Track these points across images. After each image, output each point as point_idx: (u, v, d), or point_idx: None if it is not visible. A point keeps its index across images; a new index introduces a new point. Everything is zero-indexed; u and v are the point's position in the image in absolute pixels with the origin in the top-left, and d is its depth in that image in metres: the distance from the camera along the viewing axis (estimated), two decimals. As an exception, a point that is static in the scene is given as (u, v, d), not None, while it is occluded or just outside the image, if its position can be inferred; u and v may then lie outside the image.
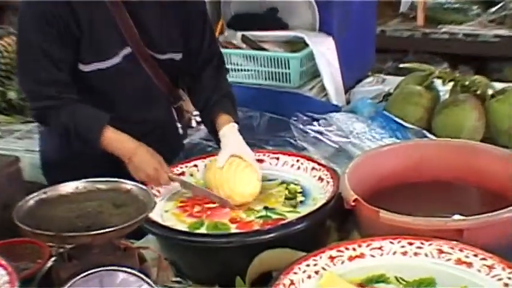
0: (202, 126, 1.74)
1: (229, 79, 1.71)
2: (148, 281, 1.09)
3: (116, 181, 1.19)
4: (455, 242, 1.12)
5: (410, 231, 1.14)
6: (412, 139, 1.69)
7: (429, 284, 1.08)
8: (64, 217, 1.10)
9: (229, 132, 1.49)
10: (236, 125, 1.51)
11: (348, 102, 2.18)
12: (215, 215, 1.36)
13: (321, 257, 1.12)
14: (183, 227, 1.31)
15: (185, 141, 1.86)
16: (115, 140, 1.44)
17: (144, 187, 1.19)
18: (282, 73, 2.13)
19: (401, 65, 2.05)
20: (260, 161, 1.52)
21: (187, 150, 1.83)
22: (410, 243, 1.13)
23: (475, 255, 1.10)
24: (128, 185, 1.19)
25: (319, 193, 1.40)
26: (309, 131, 1.76)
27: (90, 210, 1.13)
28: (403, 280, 1.10)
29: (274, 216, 1.34)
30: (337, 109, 2.00)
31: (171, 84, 1.64)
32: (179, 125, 1.75)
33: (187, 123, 1.81)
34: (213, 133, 1.56)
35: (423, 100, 1.81)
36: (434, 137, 1.70)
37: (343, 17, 2.17)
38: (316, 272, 1.10)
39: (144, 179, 1.39)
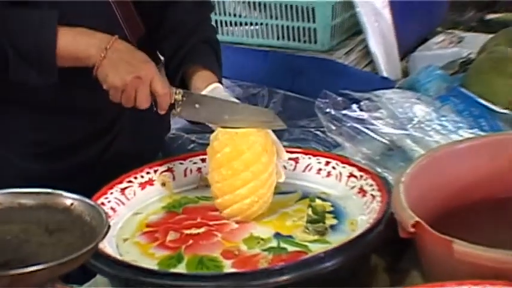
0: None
1: (225, 38, 1.71)
2: None
3: (50, 193, 1.19)
4: None
5: (500, 273, 1.13)
6: (504, 131, 1.68)
7: None
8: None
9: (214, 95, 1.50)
10: (222, 88, 1.53)
11: (406, 74, 2.18)
12: (200, 246, 1.37)
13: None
14: (152, 264, 1.31)
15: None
16: (76, 33, 1.44)
17: (91, 202, 1.19)
18: (304, 29, 2.14)
19: (488, 17, 2.03)
20: (269, 163, 1.54)
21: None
22: (502, 293, 1.12)
23: None
24: (68, 198, 1.19)
25: (360, 213, 1.41)
26: (345, 118, 1.74)
27: (10, 238, 1.13)
28: None
29: (291, 249, 1.34)
30: (388, 84, 2.00)
31: (141, 27, 1.63)
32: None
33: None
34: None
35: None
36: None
37: None
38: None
39: (129, 84, 1.40)
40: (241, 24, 2.22)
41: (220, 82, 1.55)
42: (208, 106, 1.46)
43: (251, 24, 2.21)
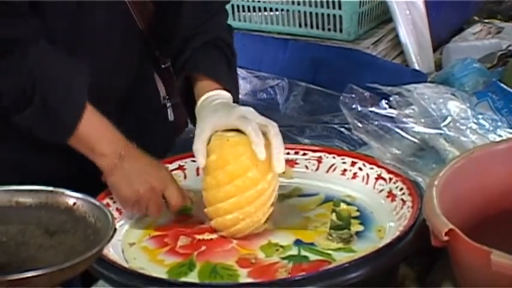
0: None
1: (241, 24, 1.70)
2: None
3: (51, 191, 1.19)
4: None
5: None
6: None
7: None
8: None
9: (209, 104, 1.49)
10: (227, 94, 1.51)
11: (439, 67, 2.18)
12: (213, 253, 1.37)
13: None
14: (160, 272, 1.31)
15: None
16: (98, 124, 1.45)
17: (96, 202, 1.18)
18: (329, 16, 2.15)
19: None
20: (290, 162, 1.52)
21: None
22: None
23: None
24: (71, 198, 1.18)
25: (389, 220, 1.40)
26: (372, 115, 1.74)
27: (6, 240, 1.13)
28: None
29: (313, 257, 1.34)
30: (420, 78, 2.00)
31: (150, 8, 1.62)
32: (168, 104, 1.75)
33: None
34: (185, 104, 1.59)
35: None
36: None
37: None
38: None
39: (142, 195, 1.42)
40: (259, 9, 2.23)
41: (223, 84, 1.52)
42: None
43: (270, 10, 2.22)
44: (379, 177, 1.49)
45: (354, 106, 1.73)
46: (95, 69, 1.50)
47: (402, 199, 1.42)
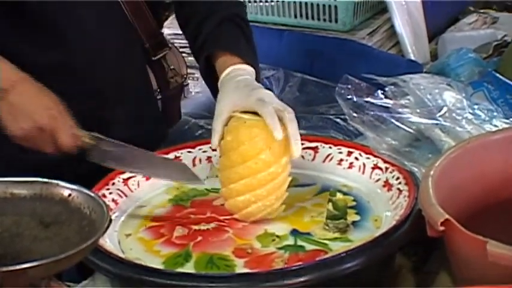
0: (195, 93, 1.73)
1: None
2: None
3: (46, 182, 1.19)
4: None
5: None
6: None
7: None
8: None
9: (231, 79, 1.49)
10: (248, 68, 1.51)
11: (435, 57, 2.18)
12: (209, 243, 1.37)
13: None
14: (157, 263, 1.31)
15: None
16: None
17: (91, 193, 1.18)
18: (324, 6, 2.14)
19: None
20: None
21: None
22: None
23: None
24: (66, 189, 1.18)
25: (385, 209, 1.41)
26: (368, 105, 1.74)
27: (1, 231, 1.13)
28: None
29: (309, 247, 1.34)
30: (416, 68, 2.00)
31: (147, 12, 1.66)
32: (158, 96, 1.77)
33: (174, 92, 1.81)
34: (209, 82, 1.58)
35: None
36: None
37: None
38: None
39: (28, 134, 1.40)
40: (254, 0, 2.21)
41: (244, 58, 1.53)
42: (119, 154, 1.46)
43: (266, 0, 2.20)
44: (375, 166, 1.50)
45: (349, 96, 1.73)
46: (86, 60, 1.50)
47: (398, 188, 1.42)
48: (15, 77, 1.44)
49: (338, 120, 1.88)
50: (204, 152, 1.59)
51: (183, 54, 1.84)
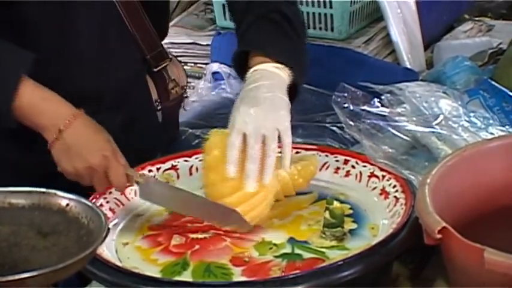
0: (191, 102, 1.73)
1: (230, 24, 1.68)
2: None
3: (44, 192, 1.19)
4: None
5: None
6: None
7: None
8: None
9: (255, 80, 1.47)
10: (271, 69, 1.49)
11: (431, 65, 2.18)
12: (207, 251, 1.37)
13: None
14: (154, 271, 1.31)
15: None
16: (38, 98, 1.44)
17: (89, 203, 1.19)
18: (320, 15, 2.15)
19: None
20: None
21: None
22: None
23: None
24: (64, 199, 1.19)
25: (382, 217, 1.41)
26: (364, 113, 1.74)
27: (-1, 241, 1.13)
28: None
29: (306, 255, 1.34)
30: (411, 76, 2.01)
31: (148, 24, 1.65)
32: (159, 107, 1.77)
33: (174, 103, 1.81)
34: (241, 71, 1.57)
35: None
36: None
37: None
38: None
39: (81, 173, 1.41)
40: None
41: (272, 58, 1.50)
42: (169, 195, 1.46)
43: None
44: (372, 175, 1.50)
45: (346, 105, 1.73)
46: (85, 67, 1.50)
47: (395, 196, 1.42)
48: (69, 113, 1.44)
49: (334, 128, 1.88)
50: (201, 160, 1.58)
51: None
